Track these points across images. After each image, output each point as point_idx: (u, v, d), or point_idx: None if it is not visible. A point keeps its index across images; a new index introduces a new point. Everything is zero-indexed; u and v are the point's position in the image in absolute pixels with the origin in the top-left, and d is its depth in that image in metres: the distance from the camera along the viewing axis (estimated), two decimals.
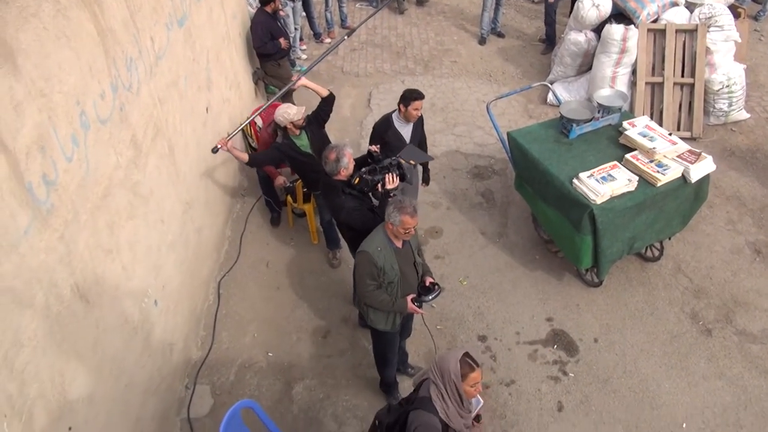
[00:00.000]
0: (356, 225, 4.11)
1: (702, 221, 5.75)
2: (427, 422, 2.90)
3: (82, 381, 3.17)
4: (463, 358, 2.90)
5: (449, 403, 2.93)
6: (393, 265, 3.66)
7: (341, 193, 4.07)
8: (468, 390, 2.91)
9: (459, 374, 2.87)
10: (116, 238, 3.58)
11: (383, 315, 3.89)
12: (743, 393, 4.47)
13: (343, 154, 4.04)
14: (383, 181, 4.03)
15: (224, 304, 5.29)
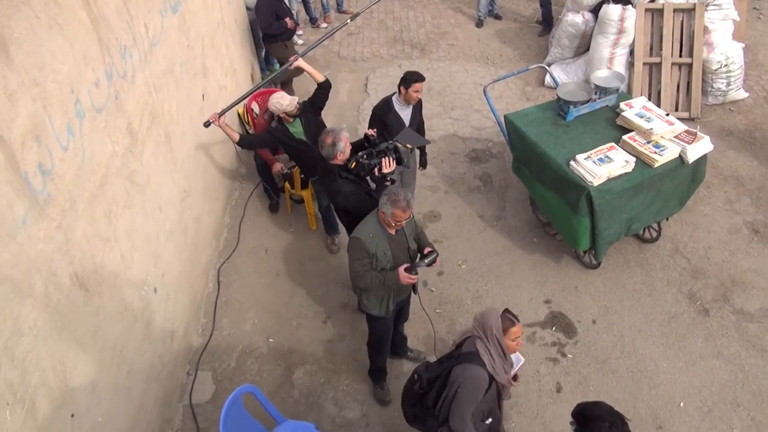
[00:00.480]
0: (353, 209, 4.12)
1: (700, 202, 5.76)
2: (477, 375, 3.08)
3: (84, 369, 3.19)
4: (504, 314, 3.10)
5: (495, 358, 3.10)
6: (386, 252, 3.67)
7: (338, 178, 4.07)
8: (509, 344, 3.10)
9: (501, 329, 3.06)
10: (114, 226, 3.59)
11: (377, 300, 3.90)
12: (740, 371, 4.50)
13: (339, 138, 4.03)
14: (380, 165, 4.03)
15: (224, 291, 5.31)
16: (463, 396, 3.12)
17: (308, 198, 5.73)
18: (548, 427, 4.28)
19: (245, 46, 6.91)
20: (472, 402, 3.14)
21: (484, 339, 3.12)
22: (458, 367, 3.15)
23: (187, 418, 4.43)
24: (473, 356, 3.13)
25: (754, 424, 4.21)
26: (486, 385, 3.12)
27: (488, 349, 3.11)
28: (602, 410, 2.61)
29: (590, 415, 2.59)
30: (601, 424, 2.53)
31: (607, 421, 2.54)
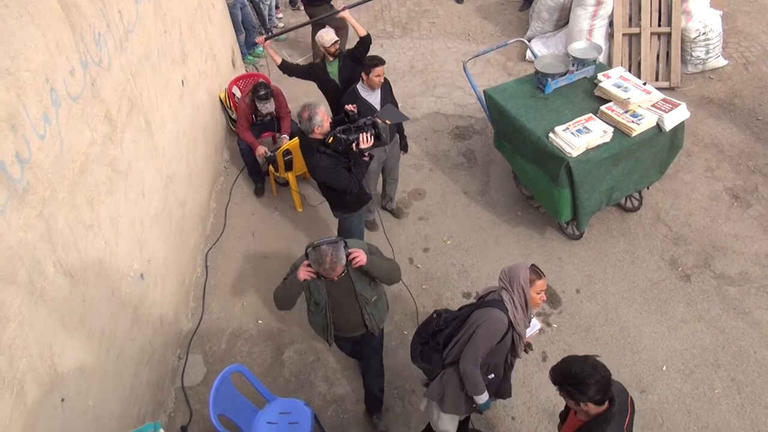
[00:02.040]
0: (331, 184, 4.18)
1: (681, 170, 5.82)
2: (498, 317, 3.16)
3: (72, 354, 3.24)
4: (532, 267, 3.18)
5: (518, 308, 3.18)
6: (320, 290, 3.49)
7: (316, 152, 4.09)
8: (534, 296, 3.18)
9: (528, 280, 3.13)
10: (97, 213, 3.61)
11: (317, 327, 3.76)
12: (721, 334, 4.60)
13: (315, 112, 4.04)
14: (357, 140, 4.04)
15: (212, 276, 5.36)
16: (480, 335, 3.18)
17: (293, 180, 5.76)
18: (534, 394, 4.38)
19: (224, 30, 6.88)
20: (486, 344, 3.20)
21: (509, 290, 3.19)
22: (480, 310, 3.23)
23: (179, 401, 4.50)
24: (498, 303, 3.20)
25: (735, 384, 4.32)
26: (504, 330, 3.17)
27: (512, 298, 3.19)
28: (577, 360, 2.63)
29: (572, 371, 2.61)
30: (586, 372, 2.56)
31: (587, 366, 2.59)
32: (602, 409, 2.65)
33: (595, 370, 2.58)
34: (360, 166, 4.15)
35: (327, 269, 3.21)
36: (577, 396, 2.60)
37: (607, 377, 2.59)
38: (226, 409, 3.69)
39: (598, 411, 2.66)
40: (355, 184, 4.16)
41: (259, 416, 3.94)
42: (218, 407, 3.58)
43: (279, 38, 8.32)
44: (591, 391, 2.56)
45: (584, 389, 2.56)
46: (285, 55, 8.04)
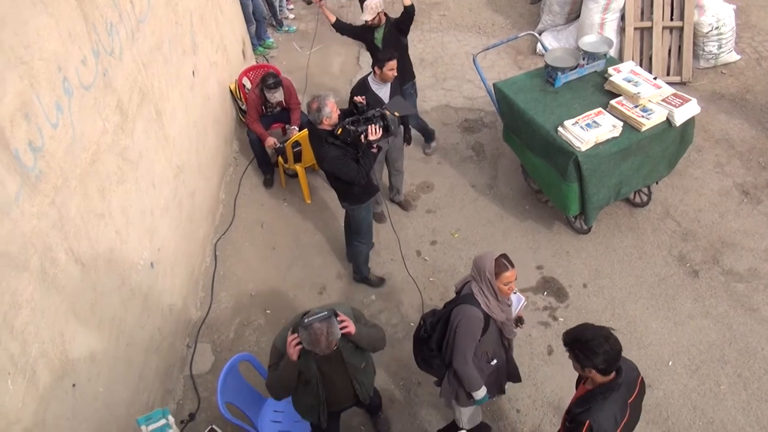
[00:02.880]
0: (339, 175, 4.20)
1: (691, 165, 5.80)
2: (471, 314, 3.20)
3: (83, 341, 3.29)
4: (499, 258, 3.17)
5: (489, 297, 3.21)
6: (310, 367, 3.15)
7: (324, 143, 4.11)
8: (501, 287, 3.19)
9: (493, 272, 3.15)
10: (108, 202, 3.65)
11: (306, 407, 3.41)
12: (728, 330, 4.59)
13: (325, 103, 4.05)
14: (366, 132, 4.05)
15: (221, 265, 5.40)
16: (460, 336, 3.25)
17: (302, 172, 5.78)
18: (539, 388, 4.39)
19: (235, 21, 6.89)
20: (470, 341, 3.25)
21: (478, 280, 3.23)
22: (456, 309, 3.28)
23: (188, 389, 4.55)
24: (469, 297, 3.25)
25: (741, 380, 4.31)
26: (482, 324, 3.23)
27: (482, 289, 3.22)
28: (590, 328, 2.74)
29: (583, 336, 2.69)
30: (596, 341, 2.65)
31: (600, 336, 2.67)
32: (607, 379, 2.73)
33: (606, 340, 2.66)
34: (368, 157, 4.16)
35: (323, 348, 2.90)
36: (584, 361, 2.68)
37: (617, 350, 2.67)
38: (234, 397, 3.73)
39: (604, 380, 2.73)
40: (363, 175, 4.17)
41: (267, 405, 3.98)
42: (226, 395, 3.62)
43: (290, 29, 8.33)
44: (597, 359, 2.64)
45: (591, 356, 2.64)
46: (295, 46, 8.06)
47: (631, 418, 2.79)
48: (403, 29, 5.44)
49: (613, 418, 2.70)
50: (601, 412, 2.69)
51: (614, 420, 2.70)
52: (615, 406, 2.72)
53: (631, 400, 2.80)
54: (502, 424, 4.24)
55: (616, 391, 2.72)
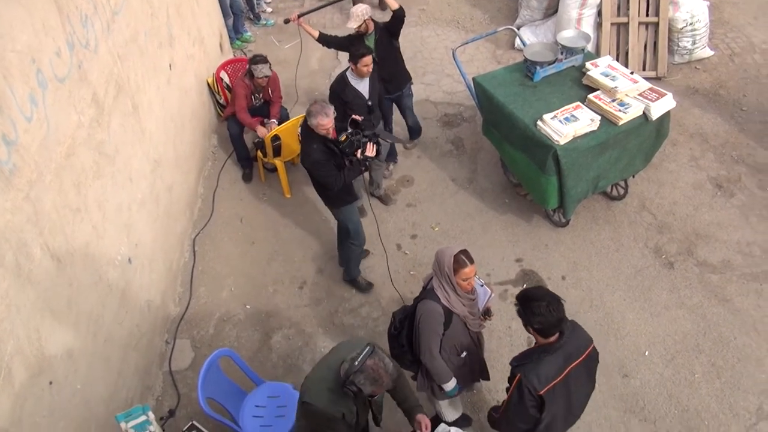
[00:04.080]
0: (316, 176, 4.26)
1: (666, 159, 5.89)
2: (431, 309, 3.23)
3: (60, 337, 3.24)
4: (458, 255, 3.16)
5: (449, 292, 3.22)
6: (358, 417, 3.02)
7: (315, 142, 4.14)
8: (460, 283, 3.18)
9: (452, 268, 3.15)
10: (84, 197, 3.60)
11: None
12: (702, 320, 4.68)
13: (326, 113, 4.06)
14: (364, 147, 4.17)
15: (200, 261, 5.35)
16: (422, 330, 3.28)
17: (281, 167, 5.75)
18: None
19: (212, 14, 6.81)
20: (433, 336, 3.28)
21: (438, 275, 3.25)
22: (419, 304, 3.31)
23: (167, 385, 4.51)
24: (430, 292, 3.28)
25: (715, 369, 4.40)
26: (442, 319, 3.24)
27: (442, 284, 3.24)
28: (541, 291, 2.95)
29: (531, 296, 2.90)
30: (539, 303, 2.84)
31: (545, 300, 2.85)
32: (547, 341, 2.94)
33: (548, 306, 2.86)
34: (355, 170, 4.25)
35: (387, 383, 2.74)
36: (524, 317, 2.92)
37: (556, 317, 2.87)
38: (215, 392, 3.71)
39: (544, 342, 2.95)
40: (340, 183, 4.23)
41: (248, 400, 3.97)
42: (207, 391, 3.60)
43: (268, 23, 8.27)
44: (534, 320, 2.86)
45: (530, 316, 2.87)
46: (273, 40, 8.00)
47: (570, 381, 2.98)
48: (394, 32, 5.36)
49: (544, 376, 2.88)
50: (533, 370, 2.89)
51: (543, 379, 2.88)
52: (549, 367, 2.90)
53: (574, 365, 2.97)
54: (483, 415, 4.27)
55: (553, 354, 2.91)
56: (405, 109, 5.84)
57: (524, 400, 2.90)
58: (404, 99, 5.72)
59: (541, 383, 2.87)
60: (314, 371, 2.97)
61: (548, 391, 2.89)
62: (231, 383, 3.96)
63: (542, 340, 2.94)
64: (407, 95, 5.72)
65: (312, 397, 2.85)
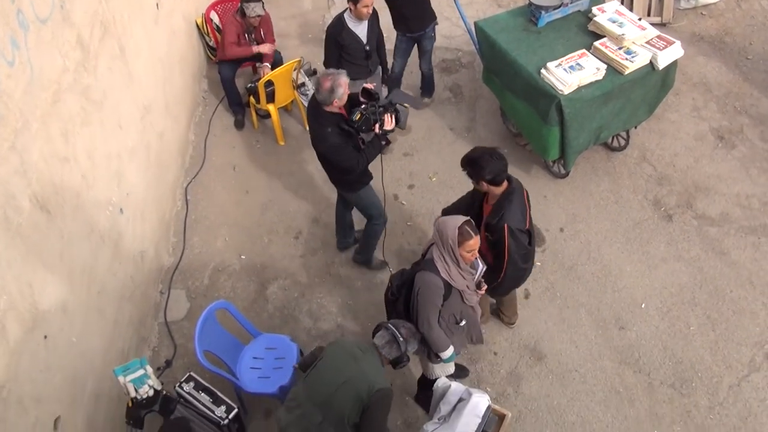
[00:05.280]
0: (335, 161, 3.94)
1: (668, 109, 5.77)
2: (430, 281, 3.20)
3: (53, 291, 3.16)
4: (462, 226, 3.12)
5: (450, 264, 3.19)
6: None
7: (329, 125, 3.82)
8: (464, 255, 3.16)
9: (456, 240, 3.11)
10: (72, 146, 3.45)
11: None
12: (699, 273, 4.69)
13: (338, 83, 3.71)
14: (382, 121, 3.81)
15: (193, 210, 5.24)
16: (421, 302, 3.25)
17: (275, 113, 5.57)
18: (516, 331, 4.45)
19: None
20: (431, 307, 3.26)
21: (440, 246, 3.19)
22: (418, 274, 3.27)
23: (163, 336, 4.49)
24: (429, 263, 3.23)
25: (710, 321, 4.44)
26: (441, 291, 3.22)
27: (443, 256, 3.19)
28: (479, 149, 3.49)
29: (473, 156, 3.44)
30: (482, 157, 3.38)
31: (486, 153, 3.39)
32: (503, 188, 3.47)
33: (491, 156, 3.38)
34: (376, 147, 3.94)
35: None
36: (474, 176, 3.45)
37: (502, 163, 3.40)
38: (212, 345, 3.69)
39: (501, 190, 3.47)
40: (362, 163, 3.93)
41: (245, 352, 3.95)
42: (204, 343, 3.57)
43: None
44: (485, 172, 3.37)
45: (480, 170, 3.38)
46: None
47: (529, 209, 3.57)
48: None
49: (521, 214, 3.46)
50: (511, 213, 3.41)
51: (522, 215, 3.46)
52: (518, 206, 3.45)
53: (526, 198, 3.57)
54: (479, 367, 4.31)
55: (514, 194, 3.45)
56: (423, 53, 5.54)
57: (520, 241, 3.45)
58: (425, 41, 5.39)
59: (523, 221, 3.46)
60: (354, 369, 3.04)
61: (530, 224, 3.53)
62: (228, 335, 3.93)
63: (498, 190, 3.46)
64: (429, 37, 5.38)
65: (381, 382, 3.03)
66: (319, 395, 3.05)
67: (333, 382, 3.03)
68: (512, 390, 4.20)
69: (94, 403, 3.49)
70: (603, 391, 4.17)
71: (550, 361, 4.32)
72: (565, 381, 4.24)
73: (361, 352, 3.08)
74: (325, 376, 3.07)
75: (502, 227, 3.39)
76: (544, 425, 4.06)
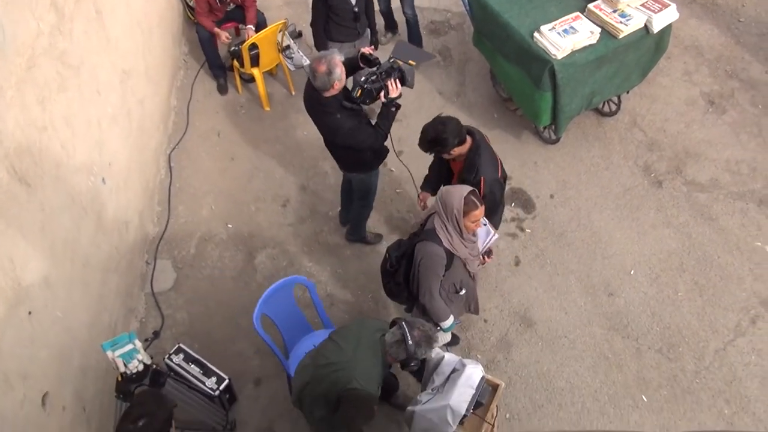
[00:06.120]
0: (356, 145, 3.76)
1: (659, 73, 5.69)
2: (432, 252, 3.15)
3: (35, 265, 3.07)
4: (468, 196, 3.07)
5: (453, 235, 3.14)
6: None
7: (336, 111, 3.62)
8: (468, 225, 3.13)
9: (461, 210, 3.06)
10: (49, 113, 3.31)
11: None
12: (687, 239, 4.70)
13: (334, 64, 3.46)
14: (386, 89, 3.58)
15: (177, 178, 5.12)
16: (423, 273, 3.22)
17: (259, 77, 5.41)
18: (506, 298, 4.46)
19: None
20: (433, 278, 3.23)
21: (443, 216, 3.14)
22: (419, 245, 3.22)
23: (150, 306, 4.43)
24: (431, 233, 3.18)
25: (697, 287, 4.47)
26: (443, 262, 3.19)
27: (445, 226, 3.15)
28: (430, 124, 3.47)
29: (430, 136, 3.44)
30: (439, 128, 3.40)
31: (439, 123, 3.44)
32: (469, 143, 3.49)
33: (443, 123, 3.39)
34: (388, 118, 3.72)
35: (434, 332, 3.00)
36: (443, 149, 3.45)
37: (455, 123, 3.41)
38: (277, 314, 3.64)
39: (468, 146, 3.49)
40: (381, 138, 3.75)
41: (311, 337, 3.83)
42: (267, 308, 3.55)
43: None
44: (450, 139, 3.38)
45: (444, 142, 3.39)
46: None
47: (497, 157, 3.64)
48: None
49: (492, 165, 3.52)
50: (485, 166, 3.46)
51: (494, 166, 3.53)
52: (488, 157, 3.49)
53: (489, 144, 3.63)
54: (470, 334, 4.32)
55: (481, 147, 3.48)
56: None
57: (496, 191, 3.53)
58: None
59: (497, 170, 3.54)
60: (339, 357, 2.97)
61: (503, 171, 3.61)
62: (300, 314, 3.84)
63: (463, 149, 3.48)
64: None
65: (363, 383, 2.88)
66: (316, 361, 3.07)
67: (327, 357, 3.02)
68: (502, 357, 4.22)
69: (82, 378, 3.44)
70: (592, 357, 4.21)
71: (540, 328, 4.34)
72: (554, 347, 4.27)
73: (367, 344, 2.97)
74: (328, 348, 3.06)
75: (480, 181, 3.45)
76: (534, 391, 4.10)
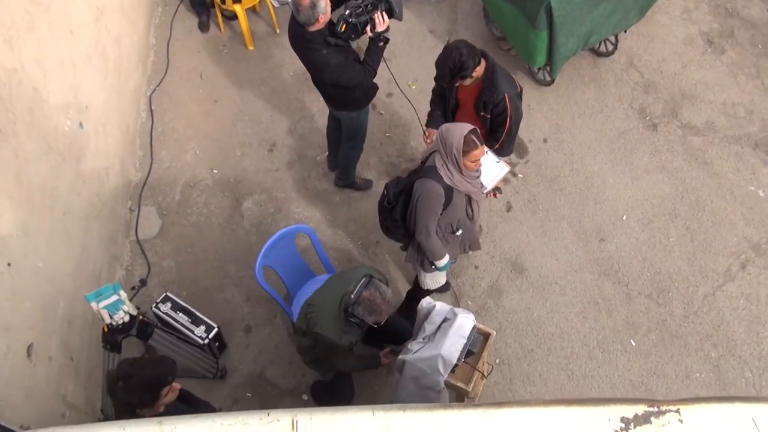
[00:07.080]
0: (344, 82, 3.64)
1: (658, 11, 5.48)
2: (431, 189, 3.12)
3: (12, 215, 2.97)
4: (468, 135, 3.01)
5: (453, 172, 3.10)
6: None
7: (321, 47, 3.47)
8: (468, 164, 3.08)
9: (461, 149, 3.01)
10: (18, 54, 3.13)
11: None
12: (681, 184, 4.65)
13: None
14: (372, 22, 3.43)
15: (159, 121, 4.95)
16: (420, 209, 3.19)
17: (242, 14, 5.15)
18: (497, 244, 4.42)
19: None
20: (430, 215, 3.19)
21: (443, 154, 3.09)
22: (418, 181, 3.18)
23: (135, 254, 4.35)
24: (431, 170, 3.13)
25: (689, 232, 4.45)
26: (442, 199, 3.15)
27: (446, 164, 3.10)
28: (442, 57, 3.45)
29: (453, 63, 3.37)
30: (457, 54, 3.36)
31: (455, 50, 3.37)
32: (485, 64, 3.49)
33: (457, 49, 3.36)
34: (375, 53, 3.58)
35: (386, 311, 3.00)
36: (466, 72, 3.38)
37: (469, 46, 3.41)
38: (277, 262, 3.62)
39: (484, 68, 3.48)
40: (370, 75, 3.63)
41: (313, 281, 3.81)
42: (268, 258, 3.52)
43: None
44: (468, 62, 3.35)
45: (465, 66, 3.36)
46: None
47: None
48: None
49: (509, 79, 3.57)
50: (504, 84, 3.49)
51: (510, 80, 3.57)
52: (502, 73, 3.52)
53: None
54: (461, 281, 4.30)
55: (495, 65, 3.50)
56: None
57: (518, 105, 3.57)
58: None
59: (515, 84, 3.60)
60: (319, 300, 3.12)
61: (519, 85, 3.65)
62: (301, 260, 3.82)
63: (482, 69, 3.46)
64: None
65: (323, 328, 3.00)
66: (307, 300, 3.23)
67: (312, 297, 3.17)
68: (493, 303, 4.22)
69: (67, 328, 3.39)
70: (582, 303, 4.22)
71: (531, 274, 4.32)
72: (545, 293, 4.27)
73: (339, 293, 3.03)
74: (318, 290, 3.21)
75: (504, 98, 3.45)
76: (524, 336, 4.12)
